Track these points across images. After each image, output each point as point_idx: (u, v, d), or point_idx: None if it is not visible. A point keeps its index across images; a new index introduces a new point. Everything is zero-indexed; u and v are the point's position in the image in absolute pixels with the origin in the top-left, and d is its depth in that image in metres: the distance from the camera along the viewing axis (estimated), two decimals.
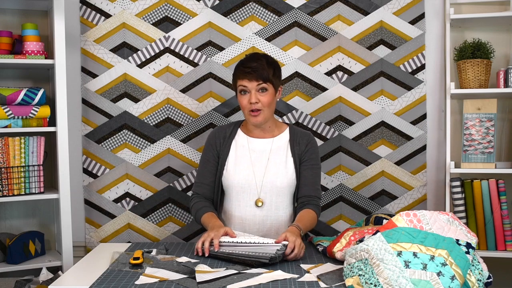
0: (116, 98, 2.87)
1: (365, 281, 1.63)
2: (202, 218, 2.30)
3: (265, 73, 2.25)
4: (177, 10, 2.87)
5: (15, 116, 2.56)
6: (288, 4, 2.87)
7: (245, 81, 2.26)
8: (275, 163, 2.33)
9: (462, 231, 1.78)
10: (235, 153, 2.37)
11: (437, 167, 2.90)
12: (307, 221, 2.24)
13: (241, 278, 1.75)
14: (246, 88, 2.27)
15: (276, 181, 2.31)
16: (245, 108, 2.29)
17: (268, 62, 2.29)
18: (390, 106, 2.89)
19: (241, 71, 2.28)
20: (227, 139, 2.40)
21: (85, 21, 2.85)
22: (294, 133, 2.39)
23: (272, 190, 2.31)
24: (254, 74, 2.24)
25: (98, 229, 2.89)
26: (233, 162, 2.36)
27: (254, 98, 2.25)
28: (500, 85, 2.71)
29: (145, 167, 2.89)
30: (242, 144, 2.38)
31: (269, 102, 2.28)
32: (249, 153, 2.36)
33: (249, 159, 2.35)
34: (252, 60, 2.29)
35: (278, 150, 2.36)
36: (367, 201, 2.91)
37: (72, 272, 1.96)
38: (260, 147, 2.36)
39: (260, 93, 2.26)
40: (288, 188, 2.33)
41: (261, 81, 2.25)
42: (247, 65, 2.27)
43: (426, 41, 2.87)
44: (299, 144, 2.36)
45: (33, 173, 2.60)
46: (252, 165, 2.34)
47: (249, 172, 2.33)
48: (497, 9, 2.82)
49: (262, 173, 2.32)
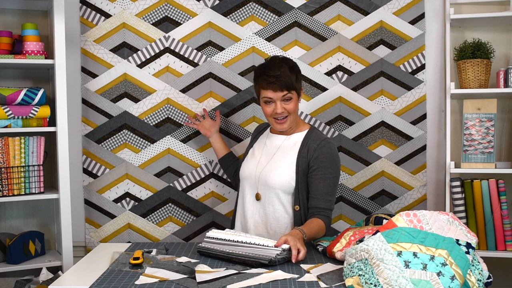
0: (116, 98, 2.87)
1: (365, 281, 1.63)
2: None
3: (289, 81, 2.24)
4: (177, 10, 2.87)
5: (15, 116, 2.56)
6: (288, 4, 2.87)
7: (269, 91, 2.25)
8: (277, 159, 2.33)
9: (462, 231, 1.78)
10: (255, 147, 2.47)
11: (437, 167, 2.90)
12: (313, 228, 2.16)
13: (241, 278, 1.75)
14: (271, 99, 2.27)
15: (268, 177, 2.30)
16: (270, 116, 2.31)
17: (290, 68, 2.27)
18: (390, 106, 2.89)
19: (265, 80, 2.25)
20: (259, 133, 2.52)
21: (85, 21, 2.85)
22: (310, 136, 2.34)
23: (265, 185, 2.31)
24: (278, 85, 2.22)
25: (98, 229, 2.89)
26: (250, 154, 2.45)
27: (280, 108, 2.26)
28: (500, 85, 2.71)
29: (145, 167, 2.89)
30: (263, 140, 2.46)
31: (294, 109, 2.29)
32: (263, 147, 2.42)
33: (261, 152, 2.41)
34: (274, 67, 2.26)
35: (286, 148, 2.35)
36: (367, 201, 2.91)
37: (72, 272, 1.96)
38: (273, 142, 2.40)
39: (285, 102, 2.27)
40: (280, 188, 2.28)
41: (285, 91, 2.24)
42: (270, 73, 2.24)
43: (426, 41, 2.87)
44: (308, 149, 2.30)
45: (33, 173, 2.60)
46: (259, 159, 2.38)
47: (254, 164, 2.38)
48: (497, 9, 2.82)
49: (262, 168, 2.34)
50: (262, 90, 2.28)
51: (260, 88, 2.29)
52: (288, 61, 2.31)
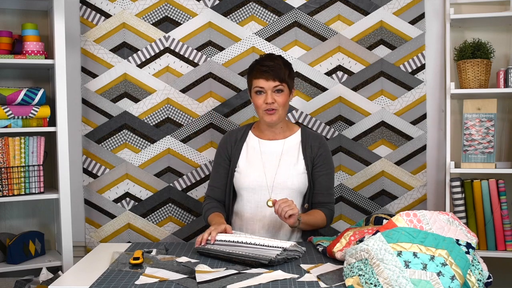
0: (116, 98, 2.87)
1: (365, 281, 1.63)
2: (208, 217, 2.35)
3: (281, 73, 2.27)
4: (177, 10, 2.87)
5: (15, 116, 2.56)
6: (288, 4, 2.87)
7: (261, 81, 2.27)
8: (286, 164, 2.34)
9: (462, 231, 1.78)
10: (246, 155, 2.39)
11: (437, 167, 2.90)
12: (312, 215, 2.28)
13: (241, 278, 1.75)
14: (263, 89, 2.28)
15: (287, 182, 2.31)
16: (260, 107, 2.30)
17: (284, 62, 2.31)
18: (390, 106, 2.89)
19: (258, 69, 2.29)
20: (238, 142, 2.42)
21: (85, 21, 2.85)
22: (306, 135, 2.40)
23: (283, 191, 2.31)
24: (271, 74, 2.25)
25: (98, 229, 2.89)
26: (244, 164, 2.38)
27: (270, 98, 2.26)
28: (500, 85, 2.71)
29: (145, 167, 2.89)
30: (253, 147, 2.40)
31: (284, 103, 2.30)
32: (260, 155, 2.38)
33: (261, 160, 2.36)
34: (268, 59, 2.30)
35: (289, 151, 2.36)
36: (367, 201, 2.91)
37: (72, 272, 1.96)
38: (271, 149, 2.38)
39: (276, 93, 2.28)
40: (298, 190, 2.34)
41: (277, 82, 2.26)
42: (264, 63, 2.28)
43: (426, 41, 2.87)
44: (311, 147, 2.36)
45: (33, 173, 2.60)
46: (263, 167, 2.35)
47: (260, 173, 2.34)
48: (497, 9, 2.82)
49: (273, 175, 2.33)
50: (254, 80, 2.30)
51: (252, 78, 2.31)
52: (282, 58, 2.34)
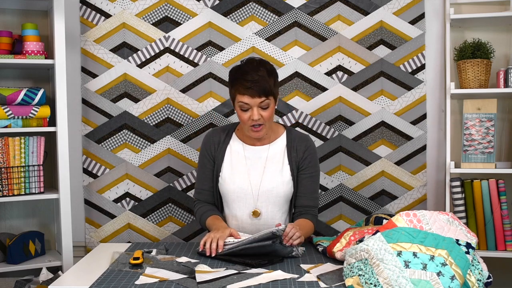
0: (116, 98, 2.87)
1: (365, 281, 1.63)
2: (206, 221, 2.27)
3: (267, 87, 2.12)
4: (177, 10, 2.87)
5: (15, 116, 2.56)
6: (288, 4, 2.87)
7: (246, 97, 2.12)
8: (271, 171, 2.27)
9: (462, 231, 1.78)
10: (230, 160, 2.31)
11: (437, 167, 2.90)
12: (303, 228, 2.19)
13: (241, 278, 1.75)
14: (248, 106, 2.14)
15: (273, 191, 2.25)
16: (246, 123, 2.18)
17: (268, 72, 2.16)
18: (390, 106, 2.89)
19: (242, 85, 2.13)
20: (221, 144, 2.32)
21: (85, 21, 2.85)
22: (292, 138, 2.31)
23: (268, 199, 2.26)
24: (255, 90, 2.10)
25: (98, 229, 2.89)
26: (228, 169, 2.29)
27: (256, 115, 2.14)
28: (500, 85, 2.71)
29: (145, 167, 2.89)
30: (237, 151, 2.31)
31: (270, 116, 2.19)
32: (244, 160, 2.29)
33: (245, 166, 2.28)
34: (252, 71, 2.14)
35: (274, 157, 2.29)
36: (367, 201, 2.91)
37: (72, 272, 1.96)
38: (255, 154, 2.29)
39: (261, 109, 2.15)
40: (284, 197, 2.28)
41: (263, 97, 2.12)
42: (248, 78, 2.12)
43: (426, 41, 2.87)
44: (296, 151, 2.28)
45: (33, 173, 2.60)
46: (248, 173, 2.27)
47: (245, 180, 2.26)
48: (497, 9, 2.82)
49: (259, 182, 2.26)
50: (238, 94, 2.15)
51: (236, 93, 2.16)
52: (266, 65, 2.19)
